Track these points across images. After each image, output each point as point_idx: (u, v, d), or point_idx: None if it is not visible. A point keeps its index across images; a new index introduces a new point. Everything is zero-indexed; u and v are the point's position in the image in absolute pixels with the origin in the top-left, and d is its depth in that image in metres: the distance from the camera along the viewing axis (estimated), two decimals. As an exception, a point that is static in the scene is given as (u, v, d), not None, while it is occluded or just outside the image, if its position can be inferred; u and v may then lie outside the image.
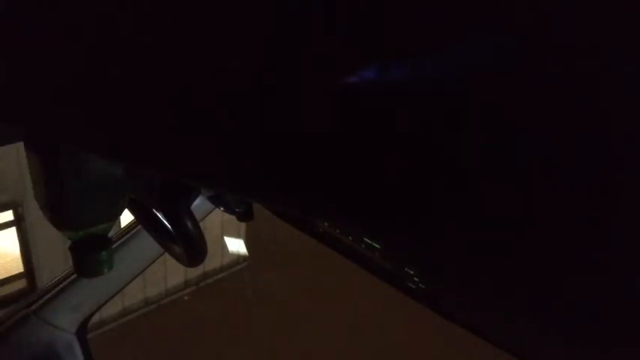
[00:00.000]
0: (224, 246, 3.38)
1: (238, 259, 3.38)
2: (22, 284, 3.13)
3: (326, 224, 0.81)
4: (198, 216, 0.70)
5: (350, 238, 0.76)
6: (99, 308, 1.13)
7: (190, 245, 0.68)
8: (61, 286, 1.07)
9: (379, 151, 0.28)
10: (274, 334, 2.35)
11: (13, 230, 3.13)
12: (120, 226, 1.16)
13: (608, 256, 0.26)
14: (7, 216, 3.11)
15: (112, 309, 2.76)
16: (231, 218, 1.02)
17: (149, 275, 2.71)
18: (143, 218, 0.78)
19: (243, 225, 3.30)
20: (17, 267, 3.13)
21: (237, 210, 0.94)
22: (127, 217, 0.85)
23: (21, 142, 0.56)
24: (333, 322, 2.35)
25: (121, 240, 1.11)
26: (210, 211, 1.13)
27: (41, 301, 1.06)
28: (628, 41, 0.22)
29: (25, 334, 1.04)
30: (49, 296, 1.06)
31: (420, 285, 0.67)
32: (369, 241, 0.70)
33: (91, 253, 0.58)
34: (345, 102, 0.27)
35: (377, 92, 0.26)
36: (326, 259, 1.02)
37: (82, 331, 1.10)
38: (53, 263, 2.88)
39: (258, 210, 0.96)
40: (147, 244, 1.05)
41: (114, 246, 0.62)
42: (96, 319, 1.25)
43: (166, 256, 0.83)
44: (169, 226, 0.69)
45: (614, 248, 0.26)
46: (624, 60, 0.23)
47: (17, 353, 1.04)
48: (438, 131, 0.26)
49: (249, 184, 0.33)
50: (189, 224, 0.66)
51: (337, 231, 0.78)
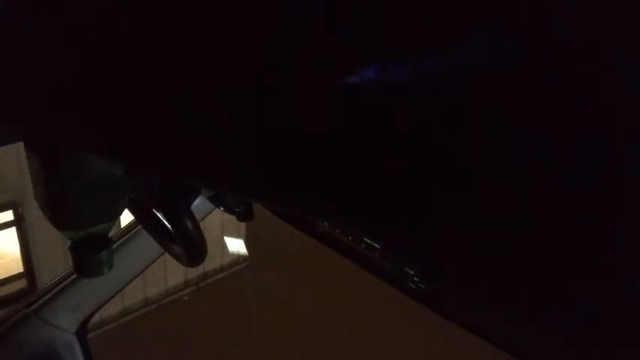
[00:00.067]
0: (224, 246, 3.38)
1: (238, 259, 3.38)
2: (22, 284, 3.13)
3: (326, 224, 0.81)
4: (198, 216, 0.70)
5: (350, 238, 0.76)
6: (99, 308, 1.13)
7: (190, 245, 0.68)
8: (61, 286, 1.07)
9: (379, 151, 0.28)
10: (274, 334, 2.34)
11: (13, 230, 3.13)
12: (120, 226, 1.16)
13: (608, 256, 0.26)
14: (7, 216, 3.11)
15: (112, 309, 2.76)
16: (231, 218, 1.02)
17: (149, 275, 2.71)
18: (143, 218, 0.78)
19: (243, 225, 3.30)
20: (17, 267, 3.13)
21: (237, 210, 0.94)
22: (127, 217, 0.85)
23: (21, 142, 0.56)
24: (333, 322, 2.35)
25: (121, 240, 1.11)
26: (210, 211, 1.13)
27: (41, 301, 1.06)
28: (628, 41, 0.22)
29: (25, 334, 1.04)
30: (49, 296, 1.06)
31: (420, 285, 0.66)
32: (369, 241, 0.70)
33: (91, 253, 0.59)
34: (345, 102, 0.27)
35: (377, 92, 0.26)
36: (326, 259, 1.02)
37: (82, 331, 1.10)
38: (53, 263, 2.88)
39: (258, 210, 0.96)
40: (147, 244, 1.05)
41: (114, 246, 0.62)
42: (96, 319, 1.25)
43: (166, 256, 0.83)
44: (169, 226, 0.69)
45: (614, 248, 0.26)
46: (624, 60, 0.23)
47: (17, 353, 1.04)
48: (438, 131, 0.26)
49: (249, 184, 0.33)
50: (189, 224, 0.66)
51: (337, 231, 0.78)
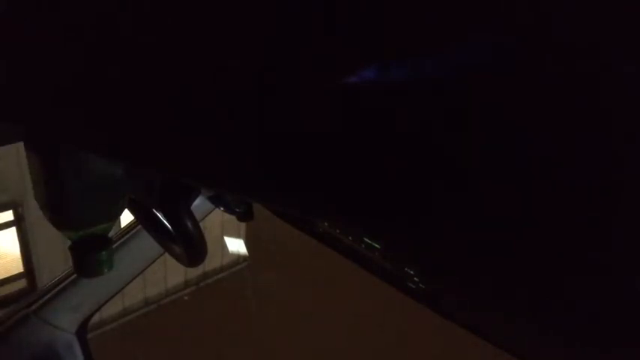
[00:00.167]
0: (224, 246, 3.38)
1: (238, 259, 3.38)
2: (22, 284, 3.13)
3: (326, 224, 0.81)
4: (198, 216, 0.70)
5: (350, 238, 0.76)
6: (99, 308, 1.13)
7: (190, 245, 0.68)
8: (61, 286, 1.07)
9: (379, 151, 0.28)
10: (274, 334, 2.34)
11: (13, 230, 3.13)
12: (120, 226, 1.17)
13: (608, 256, 0.26)
14: (7, 216, 3.11)
15: (112, 309, 2.76)
16: (231, 218, 1.02)
17: (149, 275, 2.71)
18: (143, 218, 0.78)
19: (243, 225, 3.30)
20: (17, 267, 3.13)
21: (237, 210, 0.94)
22: (127, 217, 0.85)
23: (21, 142, 0.56)
24: (333, 322, 2.35)
25: (121, 240, 1.11)
26: (210, 211, 1.13)
27: (41, 301, 1.06)
28: (628, 41, 0.22)
29: (25, 334, 1.04)
30: (49, 296, 1.06)
31: (420, 285, 0.66)
32: (369, 241, 0.70)
33: (91, 253, 0.59)
34: (345, 102, 0.27)
35: (377, 92, 0.26)
36: (326, 259, 1.02)
37: (82, 331, 1.10)
38: (53, 263, 2.88)
39: (258, 210, 0.96)
40: (147, 244, 1.05)
41: (114, 246, 0.62)
42: (96, 319, 1.25)
43: (166, 256, 0.83)
44: (169, 226, 0.69)
45: (614, 248, 0.26)
46: (624, 60, 0.23)
47: (17, 353, 1.04)
48: (438, 131, 0.26)
49: (249, 184, 0.33)
50: (189, 224, 0.66)
51: (337, 231, 0.78)
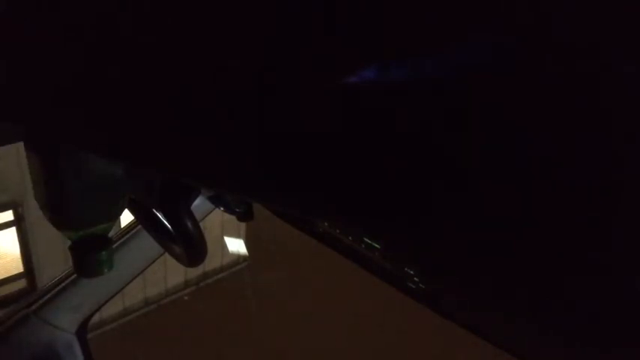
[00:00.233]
0: (224, 246, 3.38)
1: (238, 259, 3.38)
2: (22, 284, 3.13)
3: (326, 224, 0.81)
4: (198, 216, 0.70)
5: (350, 238, 0.76)
6: (99, 308, 1.13)
7: (190, 245, 0.68)
8: (61, 286, 1.07)
9: (379, 151, 0.28)
10: (274, 334, 2.34)
11: (13, 230, 3.13)
12: (120, 226, 1.16)
13: (608, 256, 0.26)
14: (7, 216, 3.11)
15: (112, 309, 2.76)
16: (231, 218, 1.02)
17: (149, 275, 2.71)
18: (143, 218, 0.78)
19: (243, 225, 3.30)
20: (17, 267, 3.13)
21: (237, 210, 0.94)
22: (127, 217, 0.85)
23: (21, 142, 0.56)
24: (333, 322, 2.35)
25: (121, 240, 1.11)
26: (210, 211, 1.13)
27: (41, 301, 1.06)
28: (628, 41, 0.22)
29: (25, 334, 1.04)
30: (49, 296, 1.06)
31: (420, 285, 0.66)
32: (369, 241, 0.70)
33: (91, 253, 0.58)
34: (345, 102, 0.27)
35: (377, 92, 0.26)
36: (326, 259, 1.02)
37: (82, 331, 1.10)
38: (53, 263, 2.88)
39: (258, 210, 0.96)
40: (147, 244, 1.05)
41: (114, 246, 0.62)
42: (96, 319, 1.25)
43: (166, 256, 0.83)
44: (169, 226, 0.69)
45: (614, 248, 0.26)
46: (624, 60, 0.23)
47: (17, 353, 1.04)
48: (438, 131, 0.26)
49: (249, 184, 0.33)
50: (189, 224, 0.66)
51: (337, 231, 0.78)
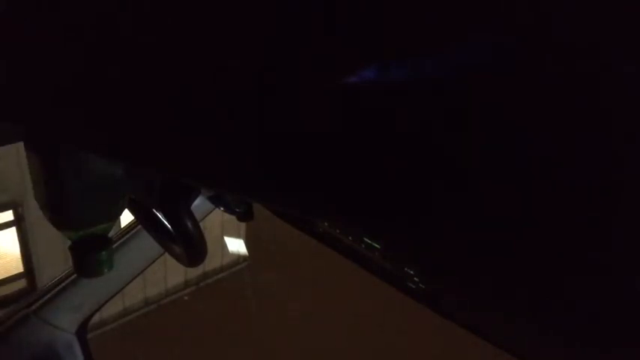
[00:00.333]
0: (224, 246, 3.38)
1: (238, 259, 3.37)
2: (22, 284, 3.13)
3: (326, 224, 0.81)
4: (198, 216, 0.70)
5: (350, 238, 0.76)
6: (99, 308, 1.13)
7: (190, 245, 0.68)
8: (61, 286, 1.07)
9: (379, 151, 0.28)
10: (274, 334, 2.34)
11: (13, 230, 3.13)
12: (120, 226, 1.16)
13: (608, 256, 0.26)
14: (7, 216, 3.11)
15: (112, 309, 2.76)
16: (231, 218, 1.02)
17: (149, 275, 2.70)
18: (143, 218, 0.78)
19: (243, 225, 3.30)
20: (17, 267, 3.13)
21: (237, 210, 0.94)
22: (127, 217, 0.85)
23: (21, 142, 0.56)
24: (333, 322, 2.35)
25: (121, 240, 1.11)
26: (210, 211, 1.13)
27: (41, 301, 1.06)
28: (628, 41, 0.22)
29: (25, 334, 1.04)
30: (49, 296, 1.06)
31: (420, 285, 0.66)
32: (369, 241, 0.70)
33: (91, 253, 0.58)
34: (345, 102, 0.27)
35: (377, 92, 0.26)
36: (326, 259, 1.02)
37: (82, 331, 1.10)
38: (53, 263, 2.88)
39: (258, 210, 0.96)
40: (147, 244, 1.05)
41: (114, 246, 0.62)
42: (96, 319, 1.25)
43: (166, 256, 0.83)
44: (169, 226, 0.69)
45: (614, 248, 0.26)
46: (624, 60, 0.23)
47: (17, 353, 1.04)
48: (438, 131, 0.26)
49: (249, 184, 0.33)
50: (189, 224, 0.66)
51: (337, 231, 0.78)
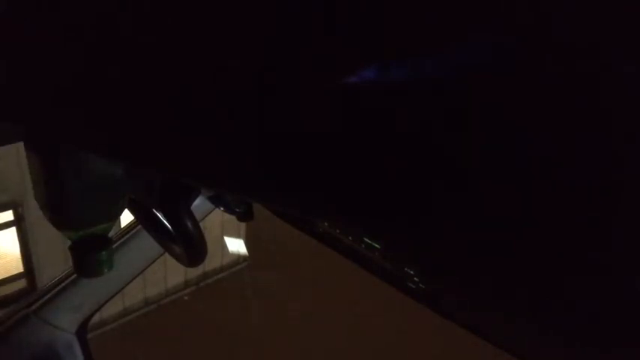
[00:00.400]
0: (224, 246, 3.38)
1: (238, 259, 3.38)
2: (22, 284, 3.13)
3: (326, 224, 0.81)
4: (198, 216, 0.70)
5: (350, 238, 0.76)
6: (99, 308, 1.13)
7: (190, 245, 0.68)
8: (61, 286, 1.07)
9: (379, 151, 0.28)
10: (274, 334, 2.34)
11: (13, 230, 3.13)
12: (120, 226, 1.16)
13: (608, 256, 0.26)
14: (7, 216, 3.11)
15: (112, 309, 2.76)
16: (231, 218, 1.02)
17: (149, 275, 2.71)
18: (143, 218, 0.78)
19: (243, 225, 3.30)
20: (17, 267, 3.13)
21: (237, 210, 0.94)
22: (127, 217, 0.85)
23: (21, 142, 0.56)
24: (333, 322, 2.35)
25: (121, 240, 1.11)
26: (210, 211, 1.13)
27: (41, 301, 1.06)
28: (628, 41, 0.22)
29: (25, 334, 1.04)
30: (49, 296, 1.06)
31: (420, 285, 0.66)
32: (369, 241, 0.70)
33: (91, 253, 0.58)
34: (345, 102, 0.27)
35: (377, 92, 0.26)
36: (326, 259, 1.02)
37: (82, 331, 1.10)
38: (53, 263, 2.88)
39: (258, 210, 0.96)
40: (147, 244, 1.05)
41: (114, 246, 0.62)
42: (96, 319, 1.25)
43: (166, 256, 0.83)
44: (169, 226, 0.69)
45: (614, 248, 0.26)
46: (624, 60, 0.23)
47: (17, 353, 1.04)
48: (438, 131, 0.26)
49: (249, 184, 0.33)
50: (189, 224, 0.66)
51: (337, 231, 0.78)
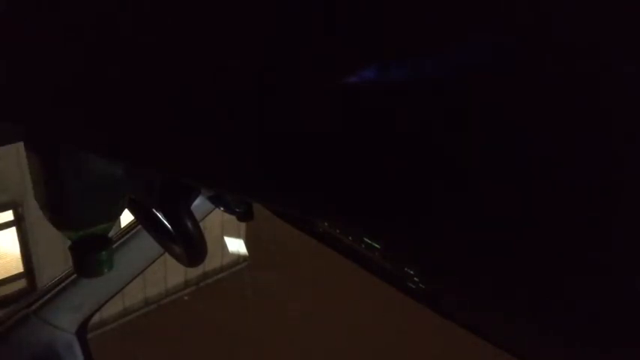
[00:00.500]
0: (224, 246, 3.38)
1: (238, 259, 3.38)
2: (22, 284, 3.13)
3: (326, 224, 0.81)
4: (198, 216, 0.70)
5: (350, 238, 0.76)
6: (99, 308, 1.13)
7: (190, 245, 0.68)
8: (61, 286, 1.07)
9: (379, 151, 0.28)
10: (274, 334, 2.34)
11: (13, 230, 3.13)
12: (120, 226, 1.16)
13: (608, 256, 0.26)
14: (7, 216, 3.11)
15: (112, 309, 2.76)
16: (231, 218, 1.02)
17: (149, 275, 2.71)
18: (143, 218, 0.78)
19: (243, 225, 3.30)
20: (17, 267, 3.13)
21: (237, 210, 0.94)
22: (127, 217, 0.85)
23: (21, 142, 0.56)
24: (333, 322, 2.35)
25: (121, 240, 1.11)
26: (210, 211, 1.13)
27: (41, 301, 1.06)
28: (628, 41, 0.23)
29: (25, 334, 1.04)
30: (49, 296, 1.06)
31: (420, 285, 0.66)
32: (369, 241, 0.70)
33: (91, 253, 0.58)
34: (345, 102, 0.27)
35: (377, 92, 0.26)
36: (326, 259, 1.02)
37: (82, 331, 1.10)
38: (53, 263, 2.88)
39: (258, 210, 0.96)
40: (147, 244, 1.05)
41: (114, 246, 0.62)
42: (96, 319, 1.25)
43: (166, 256, 0.83)
44: (169, 226, 0.69)
45: (614, 248, 0.26)
46: (624, 60, 0.23)
47: (17, 353, 1.04)
48: (438, 131, 0.26)
49: (249, 184, 0.33)
50: (189, 224, 0.66)
51: (337, 231, 0.78)
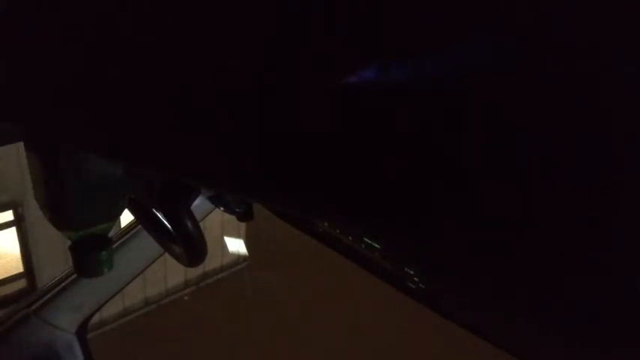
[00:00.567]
0: (224, 246, 3.38)
1: (238, 259, 3.38)
2: (22, 284, 3.13)
3: (326, 224, 0.81)
4: (198, 216, 0.70)
5: (350, 238, 0.76)
6: (99, 308, 1.13)
7: (190, 245, 0.68)
8: (61, 286, 1.07)
9: (379, 151, 0.28)
10: (274, 334, 2.34)
11: (13, 230, 3.13)
12: (120, 226, 1.16)
13: (608, 256, 0.26)
14: (7, 216, 3.11)
15: (112, 309, 2.76)
16: (231, 218, 1.02)
17: (149, 275, 2.71)
18: (143, 218, 0.78)
19: (243, 225, 3.30)
20: (17, 267, 3.13)
21: (237, 210, 0.94)
22: (127, 217, 0.85)
23: (21, 142, 0.56)
24: (333, 322, 2.35)
25: (121, 240, 1.11)
26: (210, 211, 1.13)
27: (41, 301, 1.06)
28: (628, 41, 0.23)
29: (25, 334, 1.04)
30: (49, 296, 1.06)
31: (420, 285, 0.66)
32: (369, 241, 0.70)
33: (91, 253, 0.58)
34: (345, 102, 0.27)
35: (377, 92, 0.26)
36: (326, 259, 1.02)
37: (82, 331, 1.10)
38: (53, 263, 2.88)
39: (258, 210, 0.96)
40: (147, 244, 1.05)
41: (114, 246, 0.62)
42: (96, 319, 1.25)
43: (166, 256, 0.83)
44: (169, 226, 0.69)
45: (614, 248, 0.26)
46: (624, 60, 0.23)
47: (17, 353, 1.04)
48: (438, 131, 0.26)
49: (249, 184, 0.33)
50: (189, 224, 0.66)
51: (337, 231, 0.78)
